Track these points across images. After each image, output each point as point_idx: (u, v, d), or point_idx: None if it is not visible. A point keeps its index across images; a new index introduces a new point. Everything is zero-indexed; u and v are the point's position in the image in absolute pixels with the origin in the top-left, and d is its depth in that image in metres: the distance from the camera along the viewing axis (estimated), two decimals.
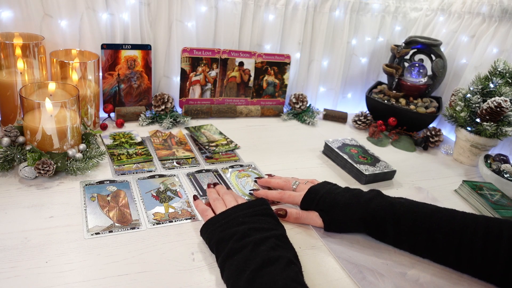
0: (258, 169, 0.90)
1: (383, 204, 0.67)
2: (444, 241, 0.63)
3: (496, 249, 0.60)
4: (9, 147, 0.74)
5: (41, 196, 0.69)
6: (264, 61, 1.19)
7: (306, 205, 0.72)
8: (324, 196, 0.71)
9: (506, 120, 1.01)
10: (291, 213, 0.71)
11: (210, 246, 0.61)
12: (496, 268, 0.60)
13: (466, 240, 0.62)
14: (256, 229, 0.59)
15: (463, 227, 0.63)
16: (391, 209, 0.66)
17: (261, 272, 0.50)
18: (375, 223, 0.67)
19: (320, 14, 1.22)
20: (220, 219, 0.62)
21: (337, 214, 0.69)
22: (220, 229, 0.60)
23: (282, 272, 0.50)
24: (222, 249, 0.57)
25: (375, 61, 1.39)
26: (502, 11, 1.13)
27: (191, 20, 1.07)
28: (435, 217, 0.65)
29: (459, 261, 0.63)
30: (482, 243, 0.61)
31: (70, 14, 0.94)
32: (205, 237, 0.62)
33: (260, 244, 0.55)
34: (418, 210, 0.66)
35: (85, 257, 0.58)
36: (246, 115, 1.20)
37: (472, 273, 0.63)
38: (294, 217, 0.71)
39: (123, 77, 1.04)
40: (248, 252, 0.54)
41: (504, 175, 0.95)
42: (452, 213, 0.66)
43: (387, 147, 1.14)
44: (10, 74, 0.84)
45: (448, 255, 0.63)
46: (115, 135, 0.95)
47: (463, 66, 1.24)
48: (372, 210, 0.67)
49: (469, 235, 0.62)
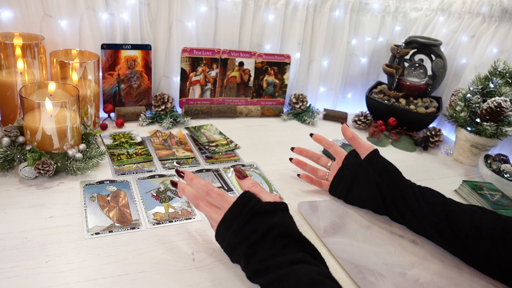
0: (260, 169, 0.90)
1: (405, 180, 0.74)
2: (457, 218, 0.66)
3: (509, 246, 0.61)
4: (9, 147, 0.74)
5: (41, 196, 0.69)
6: (264, 61, 1.19)
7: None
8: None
9: (506, 120, 1.01)
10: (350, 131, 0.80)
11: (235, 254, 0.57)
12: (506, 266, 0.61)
13: (476, 221, 0.64)
14: (253, 245, 0.53)
15: (472, 212, 0.66)
16: (411, 186, 0.73)
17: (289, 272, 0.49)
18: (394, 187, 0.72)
19: (320, 14, 1.22)
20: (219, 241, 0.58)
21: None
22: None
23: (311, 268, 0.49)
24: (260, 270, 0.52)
25: (375, 61, 1.39)
26: (502, 11, 1.13)
27: (191, 20, 1.07)
28: (449, 200, 0.70)
29: (468, 244, 0.64)
30: (489, 233, 0.62)
31: (70, 14, 0.94)
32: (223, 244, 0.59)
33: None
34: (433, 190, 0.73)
35: (85, 257, 0.58)
36: (246, 115, 1.20)
37: (480, 267, 0.65)
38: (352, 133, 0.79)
39: (123, 77, 1.04)
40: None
41: (504, 175, 0.95)
42: (461, 203, 0.70)
43: (387, 147, 1.14)
44: (10, 74, 0.84)
45: (461, 232, 0.65)
46: (115, 135, 0.95)
47: (463, 66, 1.24)
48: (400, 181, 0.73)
49: (478, 218, 0.65)
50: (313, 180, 0.85)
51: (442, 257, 0.68)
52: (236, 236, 0.54)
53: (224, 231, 0.56)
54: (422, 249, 0.69)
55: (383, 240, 0.70)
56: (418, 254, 0.68)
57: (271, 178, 0.87)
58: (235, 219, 0.55)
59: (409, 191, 0.71)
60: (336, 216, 0.75)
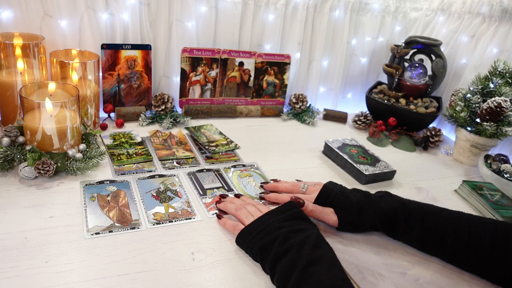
0: (260, 169, 0.90)
1: (394, 201, 0.70)
2: (453, 237, 0.64)
3: (503, 251, 0.60)
4: (9, 147, 0.74)
5: (41, 196, 0.69)
6: (264, 61, 1.19)
7: (320, 203, 0.73)
8: (338, 194, 0.72)
9: (506, 120, 1.01)
10: (308, 205, 0.71)
11: (253, 254, 0.62)
12: (503, 270, 0.61)
13: (475, 238, 0.63)
14: (295, 231, 0.60)
15: (471, 225, 0.64)
16: (402, 205, 0.69)
17: (307, 273, 0.52)
18: (387, 219, 0.68)
19: (320, 14, 1.22)
20: (257, 227, 0.63)
21: (352, 212, 0.70)
22: (260, 236, 0.61)
23: (328, 272, 0.52)
24: (268, 254, 0.58)
25: (375, 61, 1.39)
26: (502, 11, 1.13)
27: (191, 20, 1.07)
28: (444, 214, 0.67)
29: (467, 259, 0.63)
30: (491, 242, 0.62)
31: (70, 14, 0.94)
32: (244, 247, 0.63)
33: (303, 244, 0.57)
34: (426, 207, 0.69)
35: (85, 257, 0.58)
36: (246, 115, 1.20)
37: (479, 273, 0.64)
38: (310, 209, 0.71)
39: (123, 77, 1.04)
40: (294, 253, 0.55)
41: (504, 175, 0.95)
42: (459, 212, 0.68)
43: (387, 147, 1.14)
44: (10, 74, 0.84)
45: (457, 252, 0.64)
46: (115, 135, 0.95)
47: (463, 66, 1.24)
48: (384, 206, 0.69)
49: (477, 232, 0.63)
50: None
51: None
52: (279, 222, 0.62)
53: (267, 219, 0.63)
54: None
55: (383, 240, 0.70)
56: (418, 254, 0.68)
57: (271, 178, 0.87)
58: (281, 213, 0.64)
59: (395, 229, 0.68)
60: None
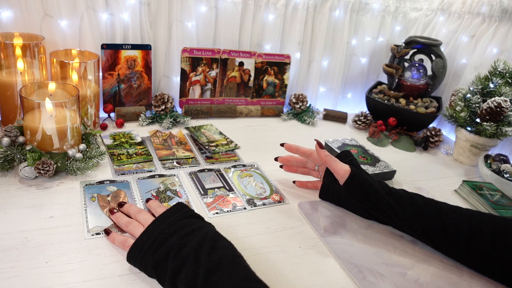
0: (260, 169, 0.90)
1: (399, 190, 0.72)
2: (453, 228, 0.65)
3: (504, 244, 0.61)
4: (9, 147, 0.74)
5: (41, 196, 0.69)
6: (264, 61, 1.19)
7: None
8: (355, 160, 0.77)
9: (506, 120, 1.01)
10: (324, 150, 0.75)
11: (148, 273, 0.55)
12: (505, 264, 0.61)
13: (475, 229, 0.63)
14: (188, 234, 0.55)
15: (471, 217, 0.65)
16: (408, 193, 0.71)
17: (209, 285, 0.48)
18: (395, 197, 0.70)
19: (320, 14, 1.22)
20: (146, 240, 0.55)
21: (365, 173, 0.74)
22: (151, 251, 0.54)
23: (230, 278, 0.48)
24: (164, 272, 0.52)
25: (375, 61, 1.39)
26: (502, 11, 1.13)
27: (191, 20, 1.07)
28: (444, 206, 0.69)
29: (469, 252, 0.64)
30: (491, 233, 0.62)
31: (70, 14, 0.94)
32: (138, 266, 0.56)
33: (199, 249, 0.52)
34: (428, 199, 0.70)
35: (85, 257, 0.58)
36: (246, 115, 1.20)
37: (480, 268, 0.64)
38: (326, 153, 0.75)
39: (123, 77, 1.04)
40: (192, 264, 0.50)
41: (504, 175, 0.95)
42: (457, 206, 0.69)
43: (387, 147, 1.14)
44: (10, 74, 0.84)
45: (459, 244, 0.64)
46: (115, 135, 0.95)
47: (463, 66, 1.24)
48: (392, 188, 0.72)
49: (477, 224, 0.64)
50: (308, 185, 0.84)
51: (442, 257, 0.68)
52: (170, 228, 0.56)
53: (156, 227, 0.57)
54: (422, 249, 0.69)
55: (383, 240, 0.70)
56: (418, 254, 0.68)
57: (271, 178, 0.87)
58: (170, 216, 0.59)
59: (394, 210, 0.69)
60: (336, 216, 0.75)
